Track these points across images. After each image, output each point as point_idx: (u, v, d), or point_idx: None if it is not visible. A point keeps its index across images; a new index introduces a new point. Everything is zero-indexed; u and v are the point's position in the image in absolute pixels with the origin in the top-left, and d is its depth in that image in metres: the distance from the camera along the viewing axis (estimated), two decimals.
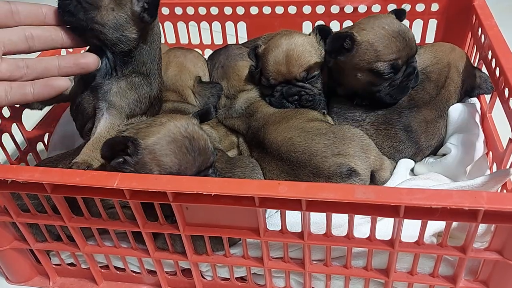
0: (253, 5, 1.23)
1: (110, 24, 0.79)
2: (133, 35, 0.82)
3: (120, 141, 0.70)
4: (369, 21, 0.94)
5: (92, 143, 0.81)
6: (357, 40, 0.92)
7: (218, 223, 0.73)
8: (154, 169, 0.71)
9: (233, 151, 1.03)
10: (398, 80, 0.94)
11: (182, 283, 0.87)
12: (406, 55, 0.93)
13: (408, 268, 0.73)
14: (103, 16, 0.78)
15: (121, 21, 0.80)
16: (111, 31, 0.80)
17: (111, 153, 0.70)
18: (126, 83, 0.85)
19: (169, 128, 0.73)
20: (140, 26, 0.83)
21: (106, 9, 0.78)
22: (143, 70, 0.87)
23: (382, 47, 0.91)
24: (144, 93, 0.87)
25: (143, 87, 0.87)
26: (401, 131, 0.95)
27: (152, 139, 0.72)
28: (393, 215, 0.63)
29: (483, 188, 0.76)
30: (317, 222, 0.71)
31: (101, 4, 0.78)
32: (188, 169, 0.73)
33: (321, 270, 0.76)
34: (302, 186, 0.63)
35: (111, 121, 0.83)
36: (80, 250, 0.82)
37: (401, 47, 0.91)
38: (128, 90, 0.85)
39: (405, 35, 0.92)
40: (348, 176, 0.83)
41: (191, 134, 0.74)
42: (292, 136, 0.89)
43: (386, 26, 0.92)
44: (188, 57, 1.08)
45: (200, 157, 0.74)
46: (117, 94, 0.84)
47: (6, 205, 0.77)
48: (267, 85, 1.02)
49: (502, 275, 0.69)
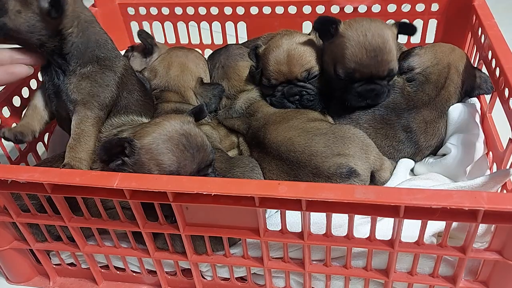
0: (253, 5, 1.23)
1: (23, 27, 0.78)
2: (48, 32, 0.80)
3: (116, 143, 0.70)
4: (364, 22, 0.92)
5: (69, 145, 0.81)
6: (339, 31, 0.92)
7: (218, 223, 0.73)
8: (153, 168, 0.71)
9: (234, 151, 1.03)
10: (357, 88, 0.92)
11: (182, 283, 0.87)
12: (369, 72, 0.91)
13: (408, 268, 0.73)
14: (13, 21, 0.77)
15: (32, 21, 0.78)
16: (28, 34, 0.79)
17: (108, 156, 0.70)
18: (77, 76, 0.84)
19: (164, 127, 0.74)
20: (56, 22, 0.80)
21: (13, 13, 0.76)
22: (90, 59, 0.86)
23: (349, 52, 0.90)
24: (103, 78, 0.85)
25: (98, 74, 0.85)
26: (401, 131, 0.95)
27: (148, 138, 0.72)
28: (393, 215, 0.63)
29: (483, 188, 0.76)
30: (317, 222, 0.71)
31: (7, 8, 0.76)
32: (188, 167, 0.73)
33: (321, 270, 0.76)
34: (302, 186, 0.63)
35: (80, 116, 0.83)
36: (80, 250, 0.82)
37: (366, 63, 0.90)
38: (82, 81, 0.84)
39: (379, 54, 0.89)
40: (348, 176, 0.83)
41: (187, 132, 0.74)
42: (292, 136, 0.89)
43: (369, 35, 0.89)
44: (190, 57, 1.08)
45: (198, 154, 0.74)
46: (74, 90, 0.83)
47: (6, 205, 0.77)
48: (268, 85, 1.02)
49: (502, 275, 0.69)
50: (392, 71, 0.92)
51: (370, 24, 0.91)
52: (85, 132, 0.82)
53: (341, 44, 0.92)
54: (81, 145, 0.81)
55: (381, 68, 0.90)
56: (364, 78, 0.92)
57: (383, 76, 0.92)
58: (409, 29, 0.94)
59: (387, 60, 0.90)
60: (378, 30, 0.90)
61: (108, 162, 0.71)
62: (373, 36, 0.89)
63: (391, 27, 0.94)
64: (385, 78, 0.93)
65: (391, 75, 0.93)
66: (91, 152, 0.82)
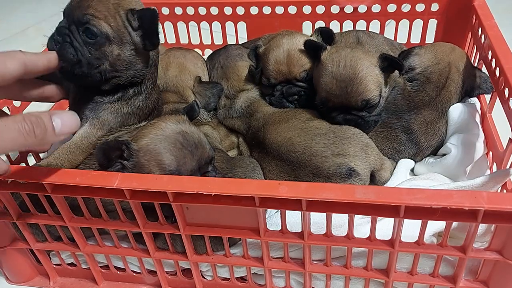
0: (253, 5, 1.23)
1: (122, 67, 0.79)
2: (142, 64, 0.82)
3: (113, 146, 0.70)
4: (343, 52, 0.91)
5: (63, 148, 0.81)
6: (321, 57, 0.93)
7: (218, 223, 0.73)
8: (153, 169, 0.71)
9: (234, 151, 1.03)
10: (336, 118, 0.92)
11: (182, 283, 0.87)
12: (340, 102, 0.90)
13: (408, 268, 0.73)
14: (113, 64, 0.78)
15: (130, 59, 0.80)
16: (126, 72, 0.81)
17: (106, 159, 0.70)
18: (120, 96, 0.84)
19: (160, 127, 0.74)
20: (146, 55, 0.82)
21: (112, 56, 0.78)
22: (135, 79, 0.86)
23: (322, 80, 0.91)
24: (139, 105, 0.86)
25: (138, 99, 0.86)
26: (401, 133, 0.95)
27: (144, 140, 0.72)
28: (393, 215, 0.63)
29: (483, 188, 0.76)
30: (317, 222, 0.71)
31: (107, 54, 0.77)
32: (188, 164, 0.73)
33: (321, 270, 0.76)
34: (302, 186, 0.63)
35: (89, 131, 0.83)
36: (80, 250, 0.82)
37: (336, 93, 0.89)
38: (123, 105, 0.84)
39: (348, 85, 0.88)
40: (347, 176, 0.83)
41: (183, 130, 0.75)
42: (292, 136, 0.89)
43: (342, 66, 0.89)
44: (188, 57, 1.08)
45: (197, 150, 0.74)
46: (109, 109, 0.83)
47: (6, 205, 0.77)
48: (268, 85, 1.02)
49: (502, 275, 0.69)
50: (368, 102, 0.90)
51: (347, 54, 0.90)
52: (83, 147, 0.82)
53: (319, 71, 0.93)
54: (71, 155, 0.81)
55: (352, 99, 0.89)
56: (337, 107, 0.91)
57: (358, 107, 0.90)
58: (394, 64, 0.92)
59: (359, 91, 0.88)
60: (352, 60, 0.89)
61: (107, 167, 0.71)
62: (345, 66, 0.89)
63: (372, 58, 0.91)
64: (362, 109, 0.91)
65: (369, 106, 0.91)
66: (74, 165, 0.82)
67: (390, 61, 0.91)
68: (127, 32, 0.78)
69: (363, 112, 0.92)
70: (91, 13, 0.75)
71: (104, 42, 0.76)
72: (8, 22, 2.06)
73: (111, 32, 0.76)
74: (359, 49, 0.93)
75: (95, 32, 0.75)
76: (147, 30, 0.79)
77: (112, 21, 0.76)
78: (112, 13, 0.77)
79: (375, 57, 0.92)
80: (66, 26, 0.76)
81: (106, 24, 0.76)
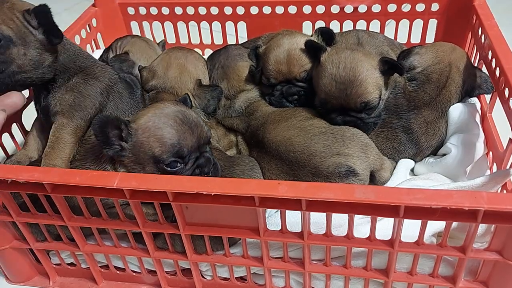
0: (253, 5, 1.23)
1: (30, 67, 0.80)
2: (51, 59, 0.83)
3: (112, 121, 0.70)
4: (343, 53, 0.91)
5: (45, 153, 0.82)
6: (321, 59, 0.93)
7: (218, 222, 0.73)
8: (153, 146, 0.71)
9: (232, 150, 1.03)
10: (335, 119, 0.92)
11: (182, 282, 0.87)
12: (339, 104, 0.90)
13: (408, 268, 0.73)
14: (21, 66, 0.78)
15: (36, 58, 0.80)
16: (34, 72, 0.81)
17: (103, 133, 0.70)
18: (61, 90, 0.85)
19: (158, 107, 0.75)
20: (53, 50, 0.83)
21: (19, 58, 0.78)
22: (73, 71, 0.87)
23: (322, 82, 0.91)
24: (87, 88, 0.86)
25: (82, 84, 0.86)
26: (401, 133, 0.95)
27: (143, 118, 0.73)
28: (393, 215, 0.63)
29: (483, 188, 0.76)
30: (317, 222, 0.71)
31: (12, 56, 0.77)
32: (188, 139, 0.73)
33: (321, 270, 0.76)
34: (302, 186, 0.62)
35: (57, 124, 0.84)
36: (80, 250, 0.82)
37: (335, 95, 0.89)
38: (65, 94, 0.84)
39: (348, 87, 0.88)
40: (346, 176, 0.83)
41: (181, 110, 0.75)
42: (291, 136, 0.89)
43: (341, 67, 0.88)
44: (189, 58, 1.07)
45: (196, 128, 0.75)
46: (57, 104, 0.84)
47: (6, 205, 0.77)
48: (267, 84, 1.02)
49: (502, 275, 0.69)
50: (367, 104, 0.90)
51: (347, 56, 0.90)
52: (60, 140, 0.82)
53: (319, 72, 0.93)
54: (56, 152, 0.82)
55: (351, 101, 0.89)
56: (337, 109, 0.91)
57: (357, 109, 0.90)
58: (395, 67, 0.91)
59: (358, 93, 0.88)
60: (352, 62, 0.89)
61: (103, 142, 0.71)
62: (344, 68, 0.89)
63: (372, 61, 0.91)
64: (361, 111, 0.91)
65: (368, 108, 0.90)
66: (66, 160, 0.82)
67: (391, 64, 0.91)
68: (28, 31, 0.79)
69: (362, 113, 0.91)
70: None
71: (9, 45, 0.77)
72: None
73: (12, 34, 0.77)
74: (359, 51, 0.93)
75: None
76: (47, 25, 0.80)
77: (11, 23, 0.77)
78: (9, 16, 0.78)
79: (375, 60, 0.91)
80: None
81: (6, 27, 0.76)
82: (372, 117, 0.93)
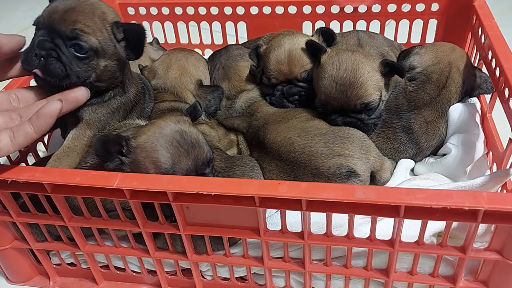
0: (253, 5, 1.23)
1: (106, 77, 0.81)
2: (120, 72, 0.84)
3: (113, 140, 0.70)
4: (343, 55, 0.91)
5: (57, 155, 0.81)
6: (321, 60, 0.93)
7: (218, 222, 0.73)
8: (149, 167, 0.71)
9: (232, 149, 1.03)
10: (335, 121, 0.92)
11: (182, 282, 0.87)
12: (339, 105, 0.90)
13: (408, 268, 0.74)
14: (99, 76, 0.79)
15: (114, 69, 0.81)
16: (109, 81, 0.82)
17: (104, 151, 0.70)
18: (97, 100, 0.84)
19: (159, 126, 0.74)
20: (124, 63, 0.84)
21: (99, 68, 0.78)
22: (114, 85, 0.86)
23: (322, 83, 0.91)
24: (119, 104, 0.86)
25: (115, 99, 0.86)
26: (402, 133, 0.95)
27: (143, 137, 0.72)
28: (393, 215, 0.63)
29: (483, 188, 0.76)
30: (317, 222, 0.71)
31: (94, 67, 0.78)
32: (183, 163, 0.72)
33: (321, 270, 0.76)
34: (302, 186, 0.63)
35: (79, 132, 0.83)
36: (80, 250, 0.82)
37: (335, 96, 0.89)
38: (100, 107, 0.84)
39: (348, 88, 0.88)
40: (347, 177, 0.83)
41: (182, 129, 0.74)
42: (292, 136, 0.89)
43: (342, 69, 0.89)
44: (190, 59, 1.07)
45: (193, 150, 0.74)
46: (88, 111, 0.83)
47: (6, 205, 0.77)
48: (268, 84, 1.02)
49: (502, 275, 0.69)
50: (368, 105, 0.90)
51: (347, 58, 0.90)
52: (77, 149, 0.82)
53: (319, 74, 0.93)
54: (68, 160, 0.81)
55: (351, 103, 0.89)
56: (337, 110, 0.91)
57: (357, 110, 0.90)
58: (396, 69, 0.91)
59: (358, 95, 0.88)
60: (353, 64, 0.89)
61: (104, 159, 0.71)
62: (345, 70, 0.89)
63: (373, 63, 0.91)
64: (361, 112, 0.91)
65: (368, 109, 0.90)
66: (74, 166, 0.82)
67: (392, 66, 0.91)
68: (112, 44, 0.79)
69: (363, 115, 0.92)
70: (80, 28, 0.75)
71: (93, 56, 0.77)
72: (8, 21, 2.06)
73: (99, 46, 0.77)
74: (360, 52, 0.93)
75: (84, 47, 0.75)
76: (133, 43, 0.81)
77: (100, 34, 0.77)
78: (99, 27, 0.77)
79: (376, 62, 0.91)
80: (49, 40, 0.75)
81: (95, 39, 0.76)
82: (372, 118, 0.93)
